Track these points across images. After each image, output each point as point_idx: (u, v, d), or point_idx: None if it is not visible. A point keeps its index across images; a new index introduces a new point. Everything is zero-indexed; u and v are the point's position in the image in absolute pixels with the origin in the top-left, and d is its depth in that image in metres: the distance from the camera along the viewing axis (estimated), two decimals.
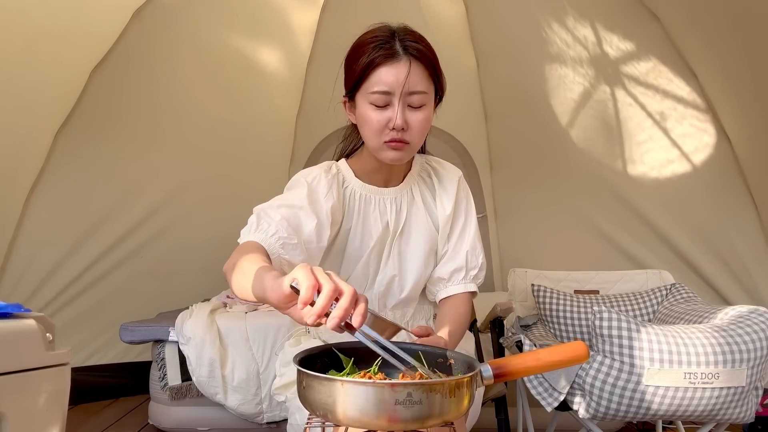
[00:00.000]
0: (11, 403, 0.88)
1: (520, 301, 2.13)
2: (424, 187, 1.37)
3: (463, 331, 1.31)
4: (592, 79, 2.86)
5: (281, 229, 1.12)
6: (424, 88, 1.18)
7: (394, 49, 1.16)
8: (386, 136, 1.18)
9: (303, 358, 0.88)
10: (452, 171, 1.40)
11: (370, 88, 1.17)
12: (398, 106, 1.16)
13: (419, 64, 1.17)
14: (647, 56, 2.66)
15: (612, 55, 2.74)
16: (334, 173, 1.30)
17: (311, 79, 3.29)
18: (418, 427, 0.78)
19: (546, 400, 1.52)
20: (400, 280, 1.33)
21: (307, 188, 1.23)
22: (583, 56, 2.83)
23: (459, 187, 1.37)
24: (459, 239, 1.35)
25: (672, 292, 1.97)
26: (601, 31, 2.72)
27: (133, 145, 2.86)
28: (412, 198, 1.35)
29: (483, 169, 3.45)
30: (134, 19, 2.58)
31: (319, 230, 1.20)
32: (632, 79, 2.74)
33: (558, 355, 0.89)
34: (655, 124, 2.75)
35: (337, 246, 1.31)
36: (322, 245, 1.22)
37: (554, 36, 2.85)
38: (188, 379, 2.28)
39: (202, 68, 2.92)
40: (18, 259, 2.63)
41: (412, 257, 1.33)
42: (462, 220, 1.36)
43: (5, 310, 0.94)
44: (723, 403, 1.39)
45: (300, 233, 1.16)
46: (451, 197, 1.35)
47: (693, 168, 2.71)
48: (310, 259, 1.19)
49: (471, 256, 1.34)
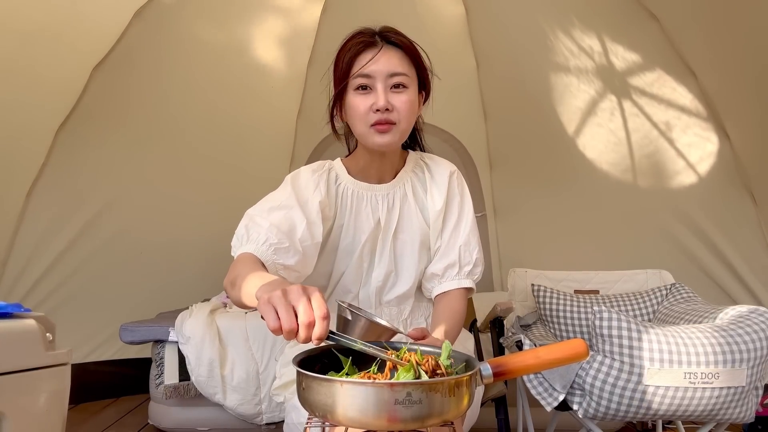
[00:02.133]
0: (11, 403, 0.88)
1: (520, 301, 2.13)
2: (416, 183, 1.38)
3: (459, 328, 1.31)
4: (596, 84, 2.87)
5: (271, 236, 1.15)
6: (404, 71, 1.23)
7: (374, 39, 1.23)
8: (372, 118, 1.22)
9: (302, 359, 0.88)
10: (444, 165, 1.40)
11: (353, 76, 1.22)
12: (380, 88, 1.21)
13: (398, 50, 1.23)
14: (652, 67, 2.67)
15: (618, 65, 2.76)
16: (324, 170, 1.33)
17: (312, 78, 3.29)
18: (418, 426, 0.78)
19: (546, 400, 1.52)
20: (396, 276, 1.34)
21: (293, 187, 1.26)
22: (588, 64, 2.84)
23: (451, 181, 1.37)
24: (452, 235, 1.35)
25: (672, 292, 1.97)
26: (607, 41, 2.73)
27: (133, 144, 2.87)
28: (404, 194, 1.36)
29: (482, 169, 3.45)
30: (136, 18, 2.59)
31: (311, 227, 1.22)
32: (637, 89, 2.75)
33: (557, 353, 0.89)
34: (661, 134, 2.76)
35: (331, 242, 1.33)
36: (316, 241, 1.24)
37: (557, 42, 2.86)
38: (186, 379, 2.28)
39: (202, 67, 2.92)
40: (18, 255, 2.64)
41: (406, 253, 1.34)
42: (455, 216, 1.36)
43: (5, 310, 0.94)
44: (723, 403, 1.39)
45: (293, 234, 1.18)
46: (443, 191, 1.35)
47: (699, 178, 2.73)
48: (306, 258, 1.21)
49: (464, 251, 1.34)
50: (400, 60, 1.23)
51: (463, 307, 1.34)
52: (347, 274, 1.34)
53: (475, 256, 1.35)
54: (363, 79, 1.21)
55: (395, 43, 1.23)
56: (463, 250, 1.34)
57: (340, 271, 1.34)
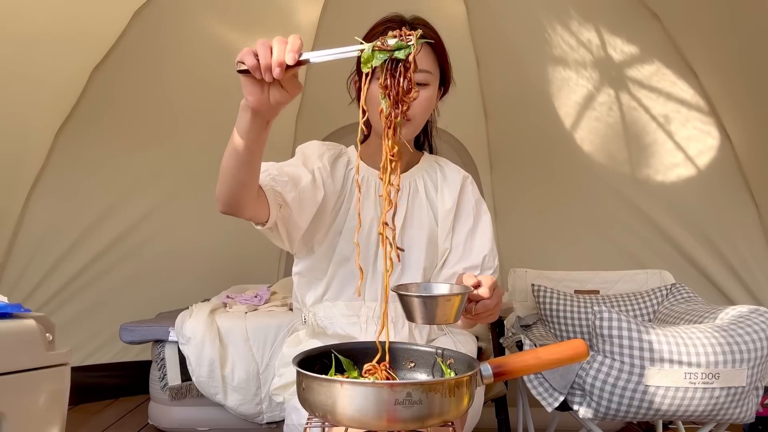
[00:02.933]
0: (11, 403, 0.88)
1: (520, 301, 2.13)
2: (428, 180, 1.39)
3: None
4: (594, 78, 2.86)
5: (271, 168, 1.20)
6: (429, 68, 1.24)
7: (404, 24, 1.22)
8: None
9: (302, 359, 0.88)
10: (458, 170, 1.42)
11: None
12: None
13: (427, 46, 1.22)
14: (651, 59, 2.66)
15: (616, 58, 2.75)
16: (335, 149, 1.35)
17: (312, 78, 3.29)
18: (418, 426, 0.78)
19: (546, 400, 1.52)
20: (403, 268, 1.34)
21: (301, 152, 1.32)
22: (587, 59, 2.83)
23: (464, 184, 1.38)
24: (469, 239, 1.36)
25: (672, 292, 1.97)
26: (605, 34, 2.72)
27: (133, 144, 2.86)
28: (416, 189, 1.37)
29: (483, 169, 3.44)
30: (135, 18, 2.58)
31: (314, 184, 1.25)
32: (636, 82, 2.74)
33: (557, 354, 0.89)
34: (659, 127, 2.75)
35: (337, 224, 1.33)
36: (316, 200, 1.25)
37: (556, 36, 2.85)
38: (188, 379, 2.28)
39: (202, 68, 2.92)
40: (18, 257, 2.63)
41: (414, 247, 1.34)
42: (470, 221, 1.37)
43: (5, 310, 0.94)
44: (723, 403, 1.39)
45: (296, 180, 1.22)
46: (454, 192, 1.36)
47: (697, 171, 2.71)
48: (303, 204, 1.23)
49: (489, 258, 1.36)
50: (428, 57, 1.23)
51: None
52: (352, 260, 1.32)
53: (496, 263, 1.38)
54: None
55: (425, 36, 1.21)
56: (489, 258, 1.36)
57: (343, 256, 1.32)
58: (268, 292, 2.61)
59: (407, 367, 0.98)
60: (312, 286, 1.37)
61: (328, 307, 1.34)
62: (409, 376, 0.97)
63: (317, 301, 1.36)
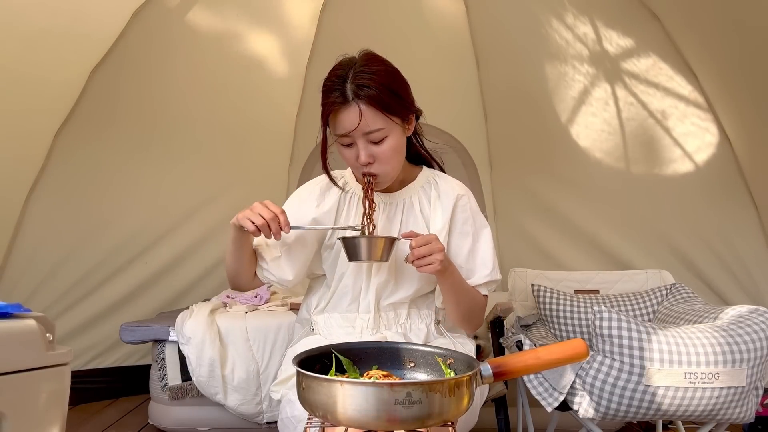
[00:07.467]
0: (11, 403, 0.88)
1: (520, 301, 2.13)
2: (423, 197, 1.41)
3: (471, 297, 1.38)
4: (593, 77, 2.86)
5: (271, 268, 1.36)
6: (380, 125, 1.24)
7: (345, 96, 1.22)
8: (360, 169, 1.30)
9: (302, 359, 0.88)
10: (453, 187, 1.42)
11: (334, 131, 1.27)
12: (360, 144, 1.26)
13: (369, 106, 1.22)
14: (647, 53, 2.65)
15: (612, 52, 2.74)
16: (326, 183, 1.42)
17: (312, 78, 3.29)
18: (418, 426, 0.78)
19: (546, 400, 1.52)
20: (396, 283, 1.36)
21: (292, 198, 1.45)
22: (584, 54, 2.83)
23: (456, 205, 1.39)
24: (470, 259, 1.39)
25: (672, 292, 1.97)
26: (600, 28, 2.72)
27: (132, 145, 2.86)
28: (411, 205, 1.39)
29: (483, 169, 3.44)
30: (134, 19, 2.58)
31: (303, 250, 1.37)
32: (633, 76, 2.74)
33: (557, 353, 0.89)
34: (657, 123, 2.74)
35: (334, 244, 1.38)
36: (308, 258, 1.39)
37: (554, 34, 2.85)
38: (188, 379, 2.28)
39: (201, 68, 2.92)
40: (17, 260, 2.62)
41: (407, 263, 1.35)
42: (469, 241, 1.39)
43: (5, 310, 0.94)
44: (723, 403, 1.39)
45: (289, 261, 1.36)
46: (446, 212, 1.38)
47: (695, 167, 2.70)
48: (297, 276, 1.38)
49: (492, 275, 1.40)
50: (374, 116, 1.23)
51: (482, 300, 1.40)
52: (348, 275, 1.37)
53: (498, 276, 1.41)
54: (343, 138, 1.26)
55: (365, 97, 1.21)
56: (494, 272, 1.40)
57: (340, 272, 1.38)
58: (268, 292, 2.62)
59: (407, 367, 0.98)
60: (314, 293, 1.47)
61: (326, 318, 1.40)
62: (409, 376, 0.97)
63: (319, 311, 1.43)
